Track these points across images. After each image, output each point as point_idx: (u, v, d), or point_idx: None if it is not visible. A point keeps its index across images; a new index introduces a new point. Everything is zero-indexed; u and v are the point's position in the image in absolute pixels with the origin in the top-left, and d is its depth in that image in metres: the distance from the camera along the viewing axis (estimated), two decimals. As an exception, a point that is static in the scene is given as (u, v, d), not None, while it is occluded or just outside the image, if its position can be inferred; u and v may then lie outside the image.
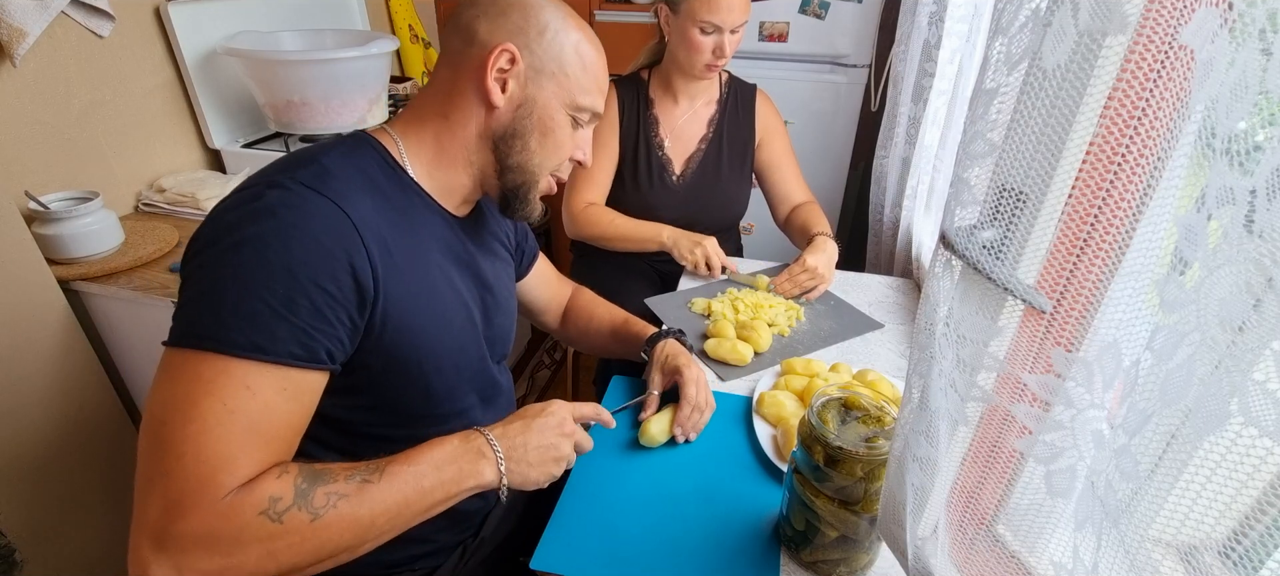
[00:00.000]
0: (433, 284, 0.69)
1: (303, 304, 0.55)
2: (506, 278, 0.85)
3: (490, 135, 0.70)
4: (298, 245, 0.55)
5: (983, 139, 0.42)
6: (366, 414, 0.69)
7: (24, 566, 1.07)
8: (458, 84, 0.68)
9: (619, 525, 0.73)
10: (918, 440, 0.50)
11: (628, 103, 1.36)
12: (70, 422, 1.12)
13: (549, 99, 0.69)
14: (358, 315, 0.60)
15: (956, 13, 1.17)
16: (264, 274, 0.54)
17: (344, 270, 0.58)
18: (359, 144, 0.68)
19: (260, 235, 0.55)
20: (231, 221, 0.57)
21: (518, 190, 0.72)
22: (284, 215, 0.56)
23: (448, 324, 0.70)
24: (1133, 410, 0.37)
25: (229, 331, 0.53)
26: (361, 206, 0.61)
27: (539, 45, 0.67)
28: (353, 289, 0.59)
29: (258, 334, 0.54)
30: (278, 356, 0.55)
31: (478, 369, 0.77)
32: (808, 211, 1.36)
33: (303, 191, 0.58)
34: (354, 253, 0.58)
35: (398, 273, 0.63)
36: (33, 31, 1.11)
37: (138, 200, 1.40)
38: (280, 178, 0.59)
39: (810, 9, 1.86)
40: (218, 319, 0.53)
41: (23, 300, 1.03)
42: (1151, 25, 0.36)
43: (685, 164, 1.39)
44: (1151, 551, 0.40)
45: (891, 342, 1.09)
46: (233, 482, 0.52)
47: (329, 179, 0.60)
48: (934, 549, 0.54)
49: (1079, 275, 0.45)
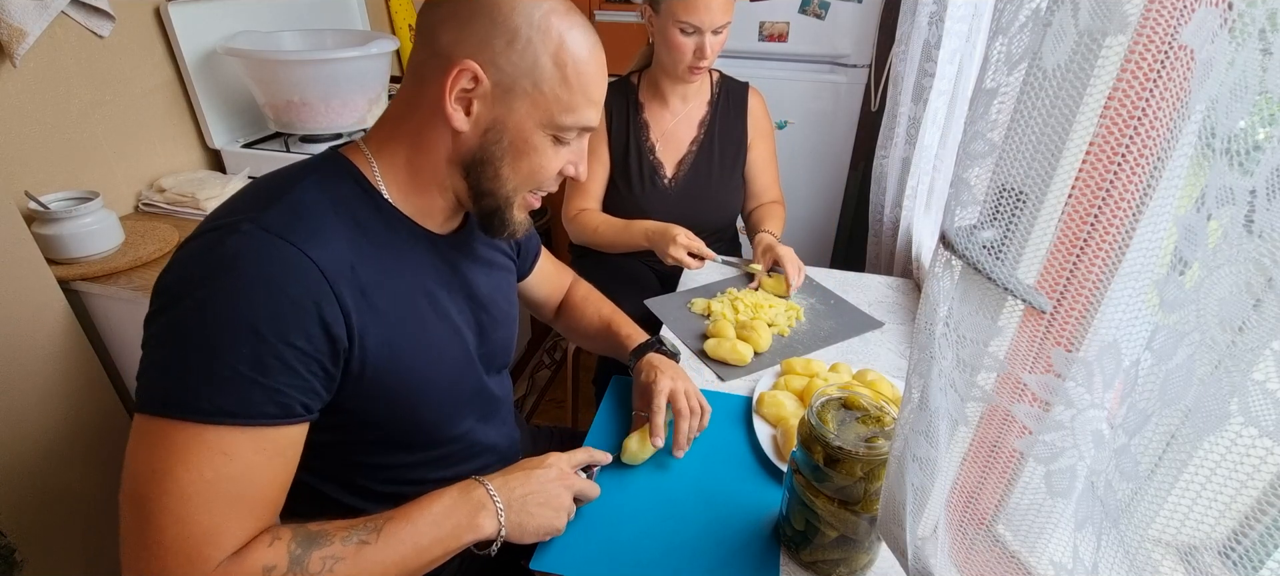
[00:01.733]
0: (419, 319, 0.65)
1: (272, 363, 0.52)
2: (505, 287, 0.81)
3: (459, 161, 0.63)
4: (263, 301, 0.52)
5: (983, 139, 0.42)
6: (359, 446, 0.68)
7: (24, 566, 1.07)
8: (422, 101, 0.61)
9: (619, 525, 0.73)
10: (918, 440, 0.50)
11: (617, 107, 1.37)
12: (70, 423, 1.12)
13: (521, 120, 0.61)
14: (332, 365, 0.57)
15: (956, 13, 1.17)
16: (230, 336, 0.51)
17: (313, 322, 0.54)
18: (334, 169, 0.63)
19: (223, 292, 0.52)
20: (193, 276, 0.53)
21: (493, 214, 0.66)
22: (246, 268, 0.52)
23: (437, 357, 0.67)
24: (1133, 410, 0.37)
25: (198, 398, 0.51)
26: (333, 249, 0.57)
27: (507, 59, 0.58)
28: (324, 340, 0.56)
29: (228, 399, 0.51)
30: (251, 419, 0.52)
31: (474, 390, 0.75)
32: (767, 210, 1.41)
33: (266, 239, 0.54)
34: (324, 303, 0.55)
35: (377, 315, 0.60)
36: (33, 31, 1.10)
37: (138, 200, 1.40)
38: (244, 220, 0.55)
39: (810, 9, 1.86)
40: (185, 385, 0.51)
41: (23, 300, 1.03)
42: (1151, 25, 0.36)
43: (676, 166, 1.39)
44: (1151, 551, 0.40)
45: (891, 342, 1.09)
46: (221, 555, 0.51)
47: (297, 221, 0.56)
48: (934, 549, 0.54)
49: (1079, 275, 0.45)
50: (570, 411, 1.77)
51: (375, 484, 0.71)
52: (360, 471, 0.70)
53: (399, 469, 0.71)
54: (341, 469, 0.70)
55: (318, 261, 0.55)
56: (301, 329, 0.54)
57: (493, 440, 0.82)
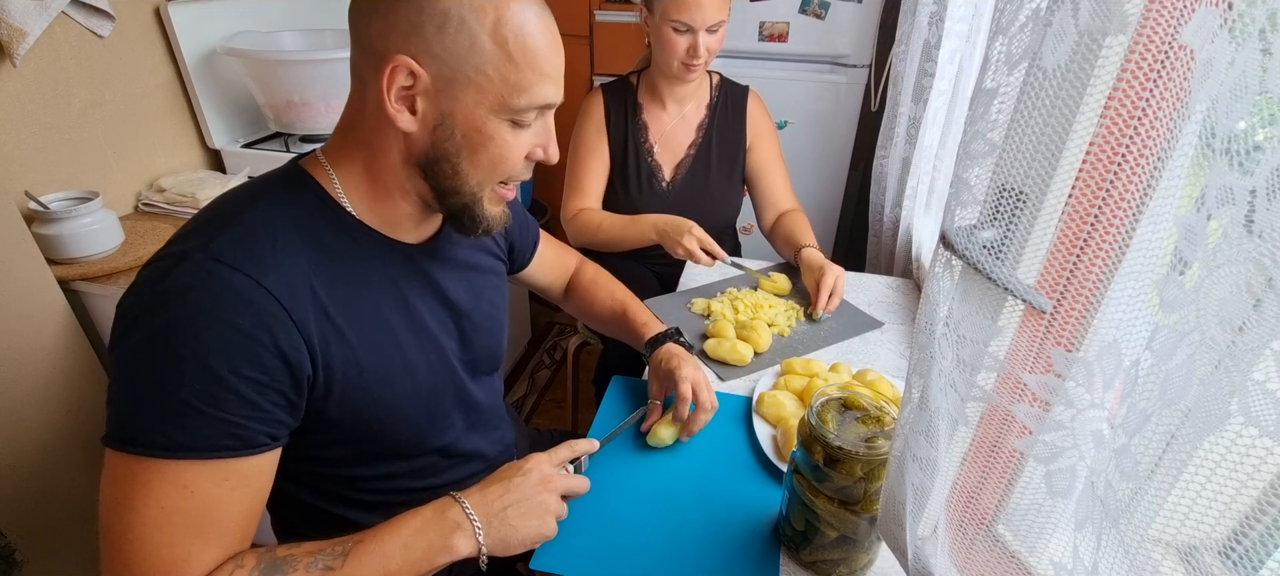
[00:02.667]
0: (390, 333, 0.63)
1: (225, 396, 0.51)
2: (491, 290, 0.78)
3: (414, 161, 0.59)
4: (212, 335, 0.50)
5: (983, 139, 0.42)
6: (339, 460, 0.67)
7: (24, 566, 1.07)
8: (366, 103, 0.58)
9: (618, 525, 0.73)
10: (918, 440, 0.50)
11: (615, 108, 1.36)
12: (70, 423, 1.12)
13: (470, 110, 0.56)
14: (294, 394, 0.56)
15: (956, 13, 1.17)
16: (178, 370, 0.50)
17: (269, 353, 0.53)
18: (293, 185, 0.60)
19: (170, 326, 0.50)
20: (144, 306, 0.52)
21: (462, 213, 0.62)
22: (195, 299, 0.51)
23: (411, 371, 0.65)
24: (1133, 410, 0.37)
25: (152, 433, 0.50)
26: (288, 273, 0.55)
27: (441, 45, 0.53)
28: (282, 370, 0.54)
29: (182, 433, 0.50)
30: (208, 452, 0.52)
31: (455, 400, 0.73)
32: (794, 221, 1.34)
33: (216, 269, 0.52)
34: (279, 333, 0.53)
35: (342, 335, 0.58)
36: (33, 31, 1.11)
37: (138, 200, 1.40)
38: (194, 248, 0.53)
39: (810, 9, 1.86)
40: (138, 420, 0.51)
41: (23, 300, 1.03)
42: (1151, 25, 0.36)
43: (675, 169, 1.39)
44: (1151, 551, 0.40)
45: (891, 342, 1.09)
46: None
47: (249, 247, 0.54)
48: (934, 549, 0.54)
49: (1079, 275, 0.45)
50: (570, 411, 1.77)
51: (361, 494, 0.71)
52: (344, 483, 0.70)
53: (382, 479, 0.70)
54: (326, 481, 0.69)
55: (272, 289, 0.53)
56: (255, 361, 0.52)
57: (480, 447, 0.80)
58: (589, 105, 1.37)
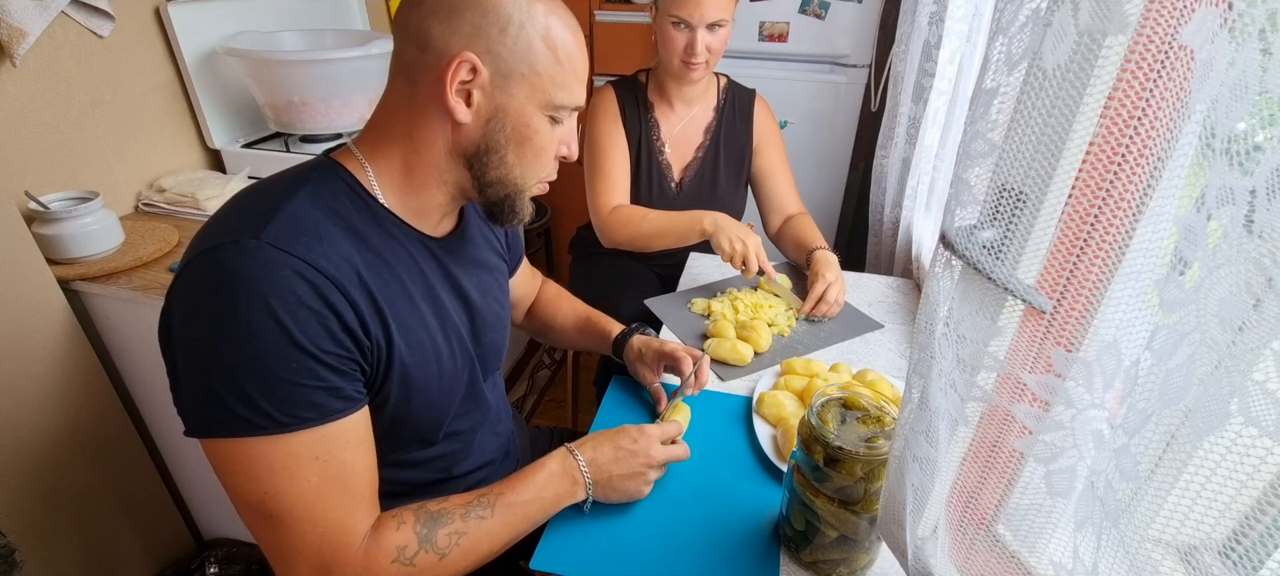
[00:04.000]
0: (420, 321, 0.66)
1: (318, 368, 0.55)
2: (497, 289, 0.81)
3: (461, 153, 0.64)
4: (289, 316, 0.53)
5: (983, 139, 0.42)
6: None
7: (24, 566, 1.07)
8: (417, 98, 0.61)
9: (618, 525, 0.73)
10: (918, 440, 0.50)
11: (628, 103, 1.35)
12: (70, 423, 1.12)
13: (522, 105, 0.62)
14: (365, 362, 0.60)
15: (956, 13, 1.17)
16: (275, 354, 0.53)
17: (339, 329, 0.56)
18: (327, 176, 0.63)
19: (247, 310, 0.52)
20: (211, 292, 0.53)
21: (503, 202, 0.67)
22: (261, 285, 0.53)
23: (436, 359, 0.68)
24: (1133, 410, 0.37)
25: (282, 411, 0.54)
26: (334, 257, 0.57)
27: (502, 45, 0.59)
28: (351, 343, 0.58)
29: (300, 406, 0.54)
30: (329, 415, 0.56)
31: (468, 393, 0.75)
32: (802, 224, 1.33)
33: (275, 255, 0.54)
34: (340, 309, 0.56)
35: (383, 320, 0.61)
36: (33, 31, 1.10)
37: (138, 200, 1.40)
38: (245, 237, 0.54)
39: (810, 9, 1.86)
40: (252, 404, 0.53)
41: (23, 300, 1.03)
42: (1151, 25, 0.36)
43: (683, 171, 1.38)
44: (1151, 551, 0.40)
45: (891, 342, 1.09)
46: (358, 540, 0.58)
47: (298, 232, 0.56)
48: (934, 549, 0.54)
49: (1079, 275, 0.45)
50: (570, 412, 1.77)
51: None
52: None
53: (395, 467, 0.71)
54: None
55: (325, 271, 0.56)
56: (331, 336, 0.56)
57: (487, 442, 0.82)
58: (601, 100, 1.35)
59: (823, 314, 1.13)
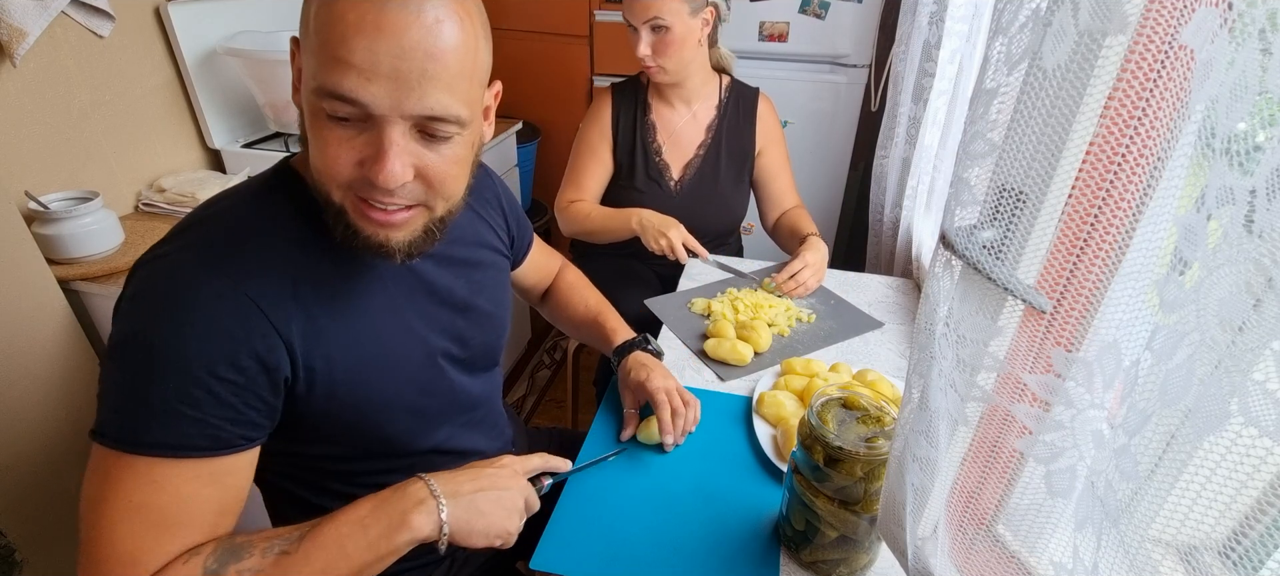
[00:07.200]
0: (375, 334, 0.63)
1: (200, 396, 0.52)
2: (491, 285, 0.78)
3: None
4: (190, 337, 0.51)
5: (983, 139, 0.42)
6: (330, 458, 0.67)
7: (24, 566, 1.07)
8: None
9: (618, 525, 0.73)
10: (918, 440, 0.50)
11: (624, 109, 1.36)
12: (70, 423, 1.12)
13: (307, 84, 0.52)
14: (271, 396, 0.56)
15: (956, 13, 1.17)
16: (155, 369, 0.51)
17: (246, 355, 0.53)
18: (276, 186, 0.60)
19: (150, 327, 0.52)
20: (130, 305, 0.54)
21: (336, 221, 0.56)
22: (175, 301, 0.52)
23: (399, 370, 0.65)
24: (1133, 410, 0.37)
25: (126, 430, 0.52)
26: (269, 277, 0.55)
27: (303, 13, 0.51)
28: (260, 372, 0.54)
29: (157, 431, 0.52)
30: (182, 451, 0.52)
31: (449, 398, 0.73)
32: (796, 215, 1.39)
33: (195, 271, 0.53)
34: (256, 336, 0.54)
35: (324, 337, 0.58)
36: (33, 31, 1.10)
37: (138, 200, 1.40)
38: (177, 250, 0.54)
39: (810, 9, 1.86)
40: (118, 416, 0.52)
41: (23, 300, 1.03)
42: (1151, 25, 0.36)
43: (683, 170, 1.39)
44: (1151, 551, 0.40)
45: (891, 342, 1.09)
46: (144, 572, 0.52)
47: (230, 250, 0.54)
48: (934, 549, 0.54)
49: (1079, 275, 0.45)
50: (570, 412, 1.77)
51: (356, 490, 0.70)
52: (339, 479, 0.69)
53: (376, 475, 0.70)
54: (321, 477, 0.69)
55: (250, 293, 0.54)
56: (231, 362, 0.53)
57: (478, 443, 0.80)
58: (596, 107, 1.39)
59: (790, 292, 1.16)
